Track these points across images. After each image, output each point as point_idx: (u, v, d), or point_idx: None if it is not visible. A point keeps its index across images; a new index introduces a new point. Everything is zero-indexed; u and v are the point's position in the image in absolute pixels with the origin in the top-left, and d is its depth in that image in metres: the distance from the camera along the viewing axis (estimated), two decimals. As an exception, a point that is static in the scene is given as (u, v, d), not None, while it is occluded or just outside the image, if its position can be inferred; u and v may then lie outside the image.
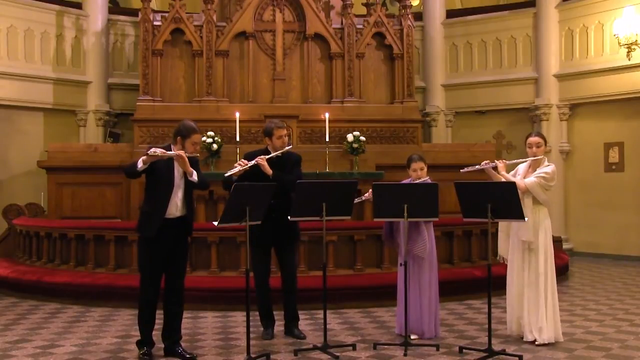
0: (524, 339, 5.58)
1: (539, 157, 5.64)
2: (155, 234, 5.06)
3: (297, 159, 5.96)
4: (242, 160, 5.68)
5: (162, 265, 5.15)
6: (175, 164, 5.08)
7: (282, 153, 5.75)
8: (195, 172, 5.11)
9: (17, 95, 11.27)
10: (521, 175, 5.71)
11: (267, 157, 5.66)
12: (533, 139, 5.70)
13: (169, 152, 4.99)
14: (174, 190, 5.10)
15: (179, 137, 5.16)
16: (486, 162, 5.68)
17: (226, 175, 5.60)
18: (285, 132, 5.82)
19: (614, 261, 11.23)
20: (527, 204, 5.47)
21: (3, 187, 11.26)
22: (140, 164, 4.94)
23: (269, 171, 5.61)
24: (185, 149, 5.11)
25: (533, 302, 5.53)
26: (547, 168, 5.59)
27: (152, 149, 4.96)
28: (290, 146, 5.88)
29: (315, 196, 5.34)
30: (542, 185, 5.52)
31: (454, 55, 13.26)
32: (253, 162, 5.58)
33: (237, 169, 5.56)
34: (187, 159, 5.02)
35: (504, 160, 5.73)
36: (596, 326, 6.29)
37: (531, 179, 5.53)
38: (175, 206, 5.12)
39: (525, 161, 5.76)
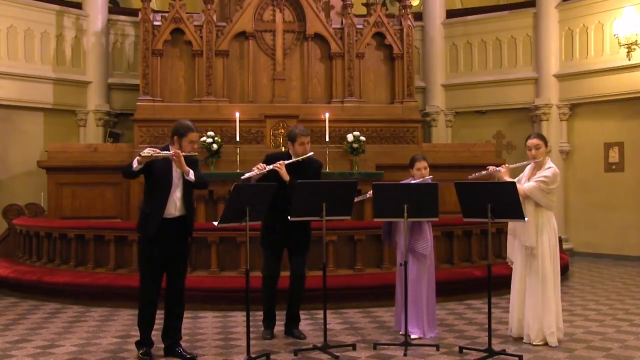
0: (524, 340, 5.57)
1: (539, 160, 5.60)
2: (154, 233, 5.05)
3: (317, 167, 5.91)
4: (261, 164, 5.63)
5: (162, 265, 5.15)
6: (173, 164, 5.08)
7: (302, 159, 5.72)
8: (192, 172, 5.09)
9: (17, 95, 11.27)
10: (526, 176, 5.69)
11: (286, 162, 5.64)
12: (531, 142, 5.64)
13: (163, 152, 4.98)
14: (172, 190, 5.08)
15: (175, 137, 5.15)
16: (493, 167, 5.66)
17: (243, 178, 5.56)
18: (308, 139, 5.81)
19: (614, 261, 11.22)
20: (528, 209, 5.44)
21: (3, 187, 11.26)
22: (135, 164, 4.94)
23: (286, 177, 5.59)
24: (183, 148, 5.10)
25: (535, 304, 5.51)
26: (547, 171, 5.53)
27: (146, 149, 4.96)
28: (312, 153, 5.84)
29: (315, 196, 5.33)
30: (542, 190, 5.48)
31: (454, 55, 13.26)
32: (271, 166, 5.56)
33: (254, 172, 5.54)
34: (182, 158, 5.00)
35: (506, 165, 5.71)
36: (596, 326, 6.29)
37: (530, 184, 5.50)
38: (174, 206, 5.11)
39: (529, 163, 5.73)
